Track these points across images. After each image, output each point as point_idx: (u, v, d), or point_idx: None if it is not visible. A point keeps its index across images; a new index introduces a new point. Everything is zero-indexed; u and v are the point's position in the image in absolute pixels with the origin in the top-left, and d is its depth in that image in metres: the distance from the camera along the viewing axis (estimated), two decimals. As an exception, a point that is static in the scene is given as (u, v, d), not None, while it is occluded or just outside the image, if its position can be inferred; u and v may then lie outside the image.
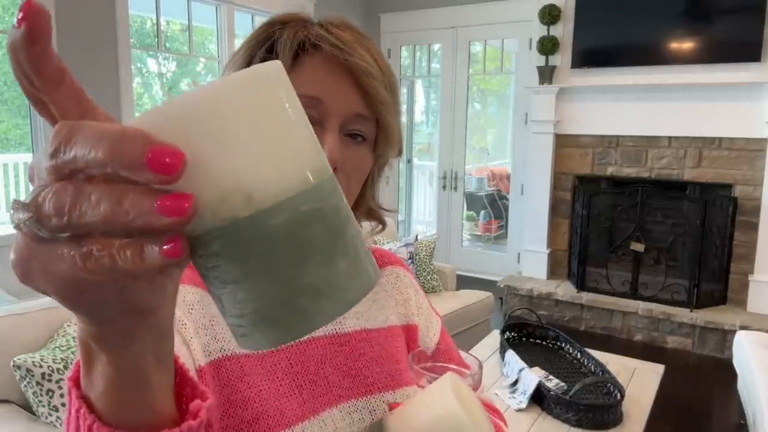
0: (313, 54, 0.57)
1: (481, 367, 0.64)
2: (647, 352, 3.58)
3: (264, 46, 0.59)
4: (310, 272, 0.28)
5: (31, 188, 0.25)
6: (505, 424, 0.76)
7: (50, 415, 1.52)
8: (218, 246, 0.27)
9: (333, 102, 0.57)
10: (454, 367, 0.67)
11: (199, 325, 0.57)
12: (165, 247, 0.24)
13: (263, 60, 0.57)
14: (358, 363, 0.65)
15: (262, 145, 0.27)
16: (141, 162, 0.22)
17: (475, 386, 0.61)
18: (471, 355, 0.67)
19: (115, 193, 0.23)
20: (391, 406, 0.63)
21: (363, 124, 0.60)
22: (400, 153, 0.67)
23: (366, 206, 0.68)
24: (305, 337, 0.63)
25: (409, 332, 0.75)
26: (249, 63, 0.58)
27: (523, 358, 2.08)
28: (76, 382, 0.32)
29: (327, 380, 0.63)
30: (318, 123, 0.57)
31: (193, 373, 0.49)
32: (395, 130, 0.63)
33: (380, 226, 0.70)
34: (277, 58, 0.56)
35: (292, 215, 0.27)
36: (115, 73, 3.41)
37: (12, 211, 0.25)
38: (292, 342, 0.24)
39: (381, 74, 0.59)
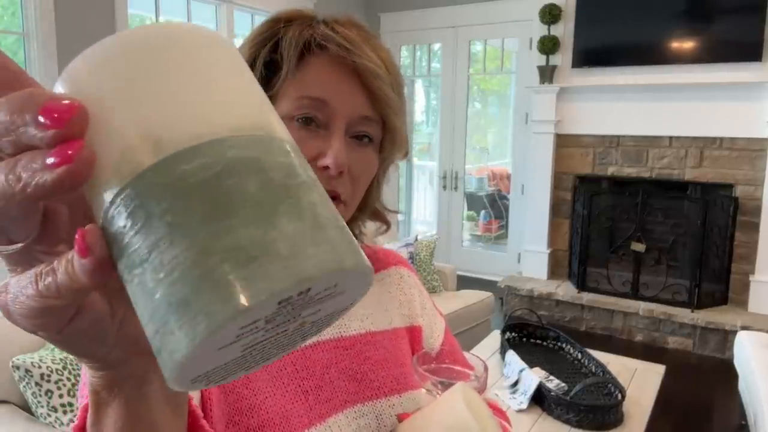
0: (319, 54, 0.56)
1: (486, 369, 0.64)
2: (648, 352, 3.58)
3: (268, 44, 0.57)
4: (235, 229, 0.20)
5: None
6: (510, 424, 0.75)
7: (49, 415, 1.52)
8: (124, 217, 0.21)
9: (339, 104, 0.56)
10: (458, 368, 0.67)
11: None
12: (79, 245, 0.21)
13: (268, 60, 0.56)
14: (363, 366, 0.64)
15: (185, 89, 0.22)
16: (35, 119, 0.20)
17: (481, 389, 0.61)
18: (476, 356, 0.67)
19: (10, 162, 0.21)
20: (401, 417, 0.62)
21: (369, 126, 0.58)
22: (406, 155, 0.65)
23: (371, 208, 0.67)
24: (311, 342, 0.61)
25: (413, 334, 0.74)
26: (253, 62, 0.56)
27: (523, 359, 2.07)
28: (82, 431, 0.30)
29: (332, 385, 0.61)
30: (323, 125, 0.56)
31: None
32: (402, 131, 0.61)
33: (384, 227, 0.70)
34: (281, 58, 0.55)
35: (213, 160, 0.21)
36: (115, 73, 3.41)
37: None
38: (216, 335, 0.20)
39: (388, 75, 0.58)
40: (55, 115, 0.20)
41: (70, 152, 0.20)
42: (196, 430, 0.35)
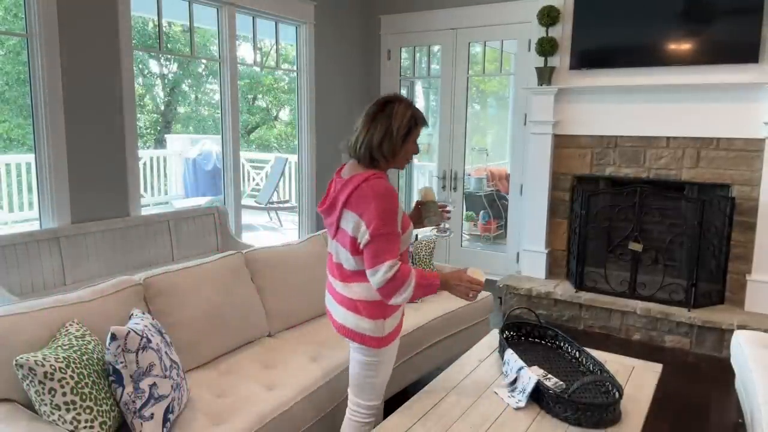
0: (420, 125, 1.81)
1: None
2: (645, 351, 3.60)
3: (410, 116, 1.78)
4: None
5: None
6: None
7: (52, 413, 1.53)
8: None
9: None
10: None
11: None
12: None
13: (413, 125, 1.79)
14: None
15: None
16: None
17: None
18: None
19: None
20: None
21: None
22: None
23: None
24: None
25: None
26: (413, 123, 1.78)
27: (522, 357, 2.08)
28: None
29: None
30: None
31: None
32: None
33: None
34: (416, 125, 1.79)
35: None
36: (118, 74, 3.42)
37: None
38: None
39: None
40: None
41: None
42: None
